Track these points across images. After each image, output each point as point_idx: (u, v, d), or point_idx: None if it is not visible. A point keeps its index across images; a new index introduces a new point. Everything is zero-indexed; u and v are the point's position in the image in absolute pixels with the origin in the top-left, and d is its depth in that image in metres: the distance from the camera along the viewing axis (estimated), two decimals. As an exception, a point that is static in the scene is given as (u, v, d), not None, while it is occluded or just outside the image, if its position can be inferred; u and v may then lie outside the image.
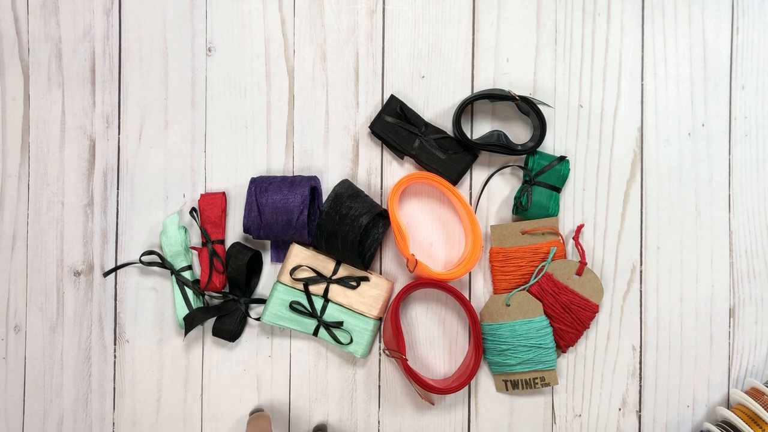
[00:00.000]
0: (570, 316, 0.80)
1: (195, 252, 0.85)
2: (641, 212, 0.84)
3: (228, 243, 0.84)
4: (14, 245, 0.86)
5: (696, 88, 0.84)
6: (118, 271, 0.85)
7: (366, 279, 0.81)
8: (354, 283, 0.81)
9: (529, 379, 0.80)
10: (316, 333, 0.81)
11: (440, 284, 0.81)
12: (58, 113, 0.86)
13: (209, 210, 0.83)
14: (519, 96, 0.80)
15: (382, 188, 0.85)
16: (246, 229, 0.81)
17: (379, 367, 0.84)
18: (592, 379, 0.83)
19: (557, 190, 0.82)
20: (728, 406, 0.83)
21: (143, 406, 0.85)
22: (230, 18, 0.85)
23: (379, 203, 0.83)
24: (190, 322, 0.80)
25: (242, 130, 0.85)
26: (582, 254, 0.81)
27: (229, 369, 0.84)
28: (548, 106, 0.82)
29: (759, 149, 0.84)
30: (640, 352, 0.83)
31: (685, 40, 0.84)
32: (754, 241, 0.84)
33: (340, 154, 0.85)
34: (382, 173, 0.85)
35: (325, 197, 0.83)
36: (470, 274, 0.84)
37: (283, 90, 0.85)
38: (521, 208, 0.81)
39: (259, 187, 0.80)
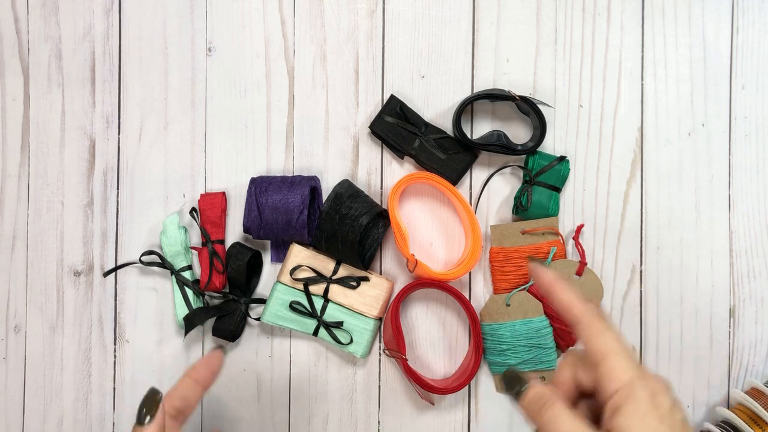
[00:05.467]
0: (570, 316, 0.80)
1: (195, 252, 0.85)
2: (641, 212, 0.84)
3: (228, 243, 0.84)
4: (14, 245, 0.86)
5: (696, 88, 0.84)
6: (118, 271, 0.85)
7: (366, 279, 0.81)
8: (354, 283, 0.81)
9: (529, 379, 0.80)
10: (316, 333, 0.81)
11: (440, 284, 0.81)
12: (58, 113, 0.86)
13: (209, 210, 0.83)
14: (519, 96, 0.80)
15: (382, 188, 0.85)
16: (246, 229, 0.81)
17: (379, 367, 0.84)
18: (592, 379, 0.83)
19: (557, 190, 0.82)
20: (728, 406, 0.83)
21: (143, 406, 0.85)
22: (230, 18, 0.85)
23: (379, 203, 0.83)
24: (190, 322, 0.80)
25: (242, 130, 0.85)
26: (582, 254, 0.81)
27: (229, 369, 0.84)
28: (548, 106, 0.81)
29: (759, 149, 0.84)
30: (640, 352, 0.83)
31: (685, 40, 0.84)
32: (754, 241, 0.83)
33: (340, 154, 0.85)
34: (382, 173, 0.85)
35: (325, 197, 0.83)
36: (470, 274, 0.84)
37: (283, 90, 0.85)
38: (521, 208, 0.81)
39: (259, 187, 0.80)
